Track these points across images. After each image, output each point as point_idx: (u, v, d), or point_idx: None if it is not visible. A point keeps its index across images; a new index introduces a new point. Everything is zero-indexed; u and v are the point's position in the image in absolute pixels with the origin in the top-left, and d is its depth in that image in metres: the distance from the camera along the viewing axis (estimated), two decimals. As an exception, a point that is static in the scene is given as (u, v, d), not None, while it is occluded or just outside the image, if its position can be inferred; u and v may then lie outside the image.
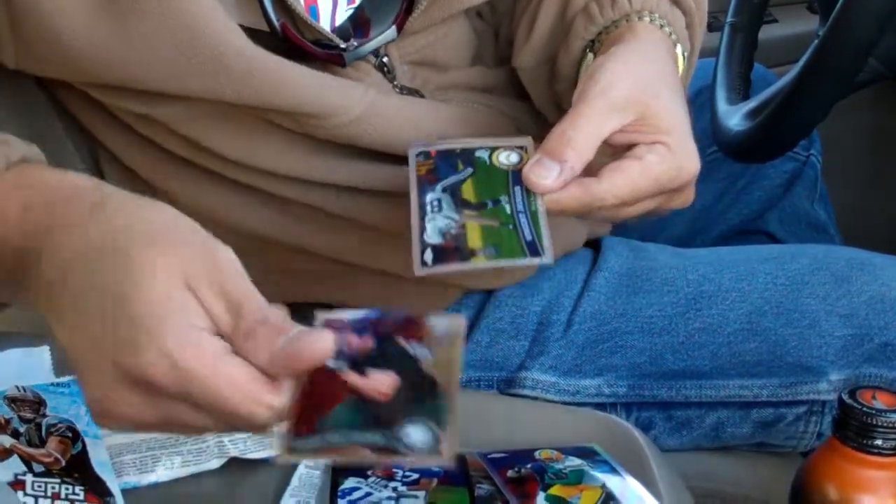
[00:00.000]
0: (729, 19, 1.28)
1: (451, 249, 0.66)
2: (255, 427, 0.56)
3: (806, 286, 0.92)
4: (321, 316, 0.58)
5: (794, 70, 1.09)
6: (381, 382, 0.55)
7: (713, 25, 1.69)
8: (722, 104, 1.20)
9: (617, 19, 0.82)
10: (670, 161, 0.72)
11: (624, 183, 0.71)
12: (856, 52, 1.03)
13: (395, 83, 0.86)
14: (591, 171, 0.71)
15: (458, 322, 0.58)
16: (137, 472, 0.69)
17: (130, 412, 0.56)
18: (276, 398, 0.54)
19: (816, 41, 1.08)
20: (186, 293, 0.55)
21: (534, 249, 0.66)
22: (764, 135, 1.12)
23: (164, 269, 0.55)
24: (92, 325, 0.56)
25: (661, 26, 0.82)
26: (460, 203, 0.69)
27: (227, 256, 0.57)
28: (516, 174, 0.70)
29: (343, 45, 0.81)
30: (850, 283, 0.92)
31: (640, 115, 0.72)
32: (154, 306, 0.54)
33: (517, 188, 0.69)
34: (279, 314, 0.56)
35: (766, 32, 1.32)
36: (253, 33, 0.77)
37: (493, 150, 0.73)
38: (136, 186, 0.88)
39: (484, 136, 0.79)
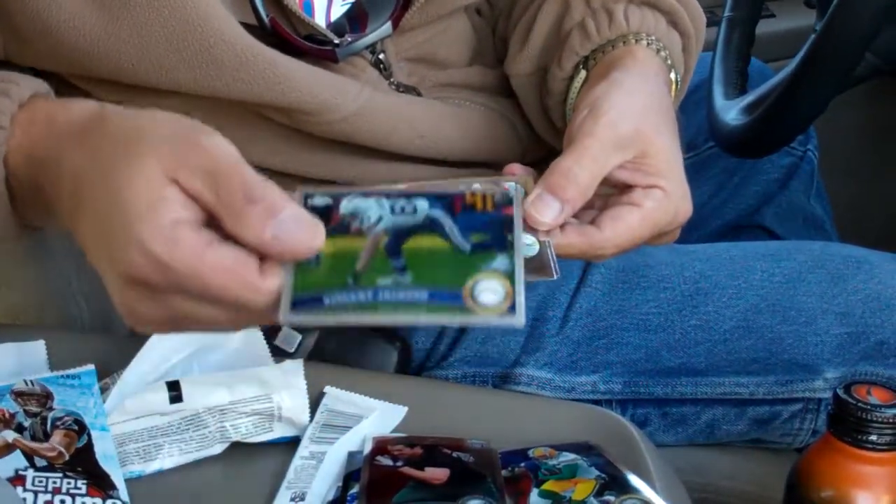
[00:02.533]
0: (726, 14, 1.28)
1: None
2: (257, 313, 0.57)
3: (802, 283, 0.92)
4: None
5: (791, 65, 1.09)
6: (436, 472, 0.66)
7: (710, 20, 1.68)
8: (719, 99, 1.20)
9: (613, 39, 0.81)
10: (667, 206, 0.72)
11: (625, 232, 0.70)
12: (853, 47, 1.03)
13: (392, 80, 0.86)
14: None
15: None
16: (141, 461, 0.70)
17: (142, 312, 0.58)
18: (267, 280, 0.55)
19: (814, 36, 1.08)
20: (167, 188, 0.56)
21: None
22: (761, 129, 1.12)
23: (142, 169, 0.56)
24: (95, 233, 0.59)
25: (658, 51, 0.81)
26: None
27: (213, 141, 0.58)
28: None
29: (336, 41, 0.81)
30: (847, 281, 0.92)
31: (641, 152, 0.71)
32: (134, 206, 0.56)
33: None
34: (269, 191, 0.56)
35: (764, 27, 1.32)
36: (246, 28, 0.77)
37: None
38: None
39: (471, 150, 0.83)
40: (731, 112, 1.17)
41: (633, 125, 0.71)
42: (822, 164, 1.29)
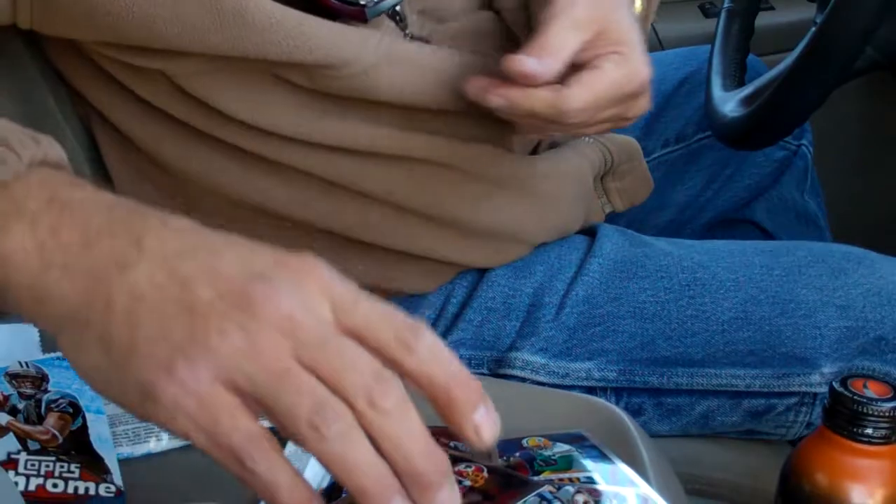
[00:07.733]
0: (726, 5, 1.28)
1: None
2: None
3: (802, 276, 0.92)
4: None
5: (790, 57, 1.09)
6: None
7: (710, 11, 1.69)
8: (717, 90, 1.20)
9: None
10: (624, 66, 0.77)
11: (587, 89, 0.76)
12: (853, 41, 1.03)
13: (407, 32, 0.86)
14: None
15: None
16: (131, 444, 0.69)
17: None
18: None
19: (814, 29, 1.08)
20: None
21: None
22: (759, 122, 1.12)
23: None
24: None
25: None
26: None
27: None
28: None
29: (363, 1, 0.81)
30: (847, 275, 0.92)
31: (597, 31, 0.77)
32: None
33: None
34: None
35: (763, 19, 1.32)
36: None
37: None
38: (128, 151, 0.88)
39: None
40: (728, 104, 1.16)
41: (585, 8, 0.77)
42: (817, 159, 1.28)
